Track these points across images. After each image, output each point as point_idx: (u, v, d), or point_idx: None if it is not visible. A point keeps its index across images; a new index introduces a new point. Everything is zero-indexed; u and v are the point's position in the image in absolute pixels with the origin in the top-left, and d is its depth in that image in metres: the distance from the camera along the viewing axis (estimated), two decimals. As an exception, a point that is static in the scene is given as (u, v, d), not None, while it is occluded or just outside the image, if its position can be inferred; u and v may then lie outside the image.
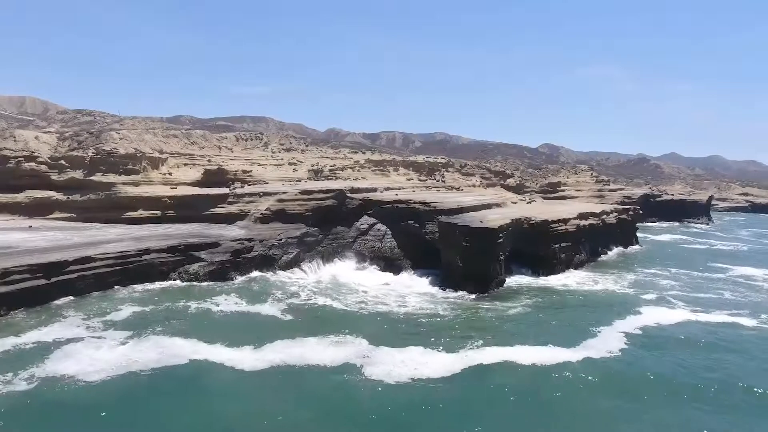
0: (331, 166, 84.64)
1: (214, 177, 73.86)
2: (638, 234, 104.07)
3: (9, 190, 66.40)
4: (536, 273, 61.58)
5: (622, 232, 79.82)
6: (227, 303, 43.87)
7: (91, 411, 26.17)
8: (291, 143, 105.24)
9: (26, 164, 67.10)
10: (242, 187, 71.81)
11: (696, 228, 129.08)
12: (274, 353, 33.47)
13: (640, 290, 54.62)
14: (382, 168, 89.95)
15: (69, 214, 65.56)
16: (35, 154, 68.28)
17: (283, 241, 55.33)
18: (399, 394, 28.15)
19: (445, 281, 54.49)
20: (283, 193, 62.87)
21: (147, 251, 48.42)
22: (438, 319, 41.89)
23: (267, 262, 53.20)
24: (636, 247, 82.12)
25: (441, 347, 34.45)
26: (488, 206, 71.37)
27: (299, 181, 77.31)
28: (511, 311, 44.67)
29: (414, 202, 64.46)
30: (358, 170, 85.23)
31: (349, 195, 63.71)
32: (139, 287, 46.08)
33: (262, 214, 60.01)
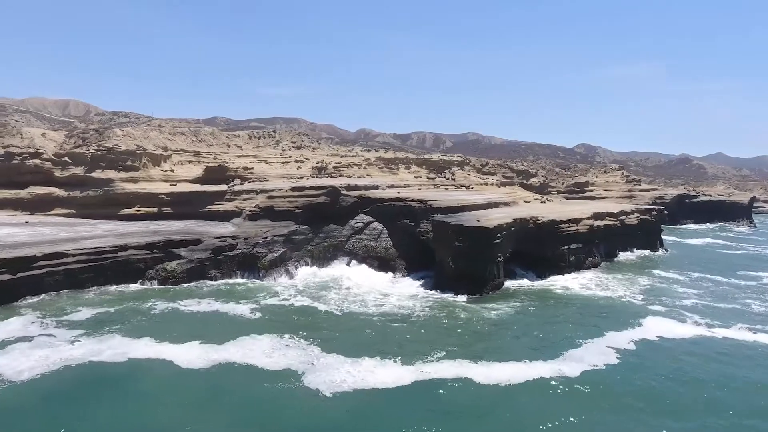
0: (336, 163, 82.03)
1: (215, 174, 72.53)
2: (668, 237, 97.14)
3: (14, 186, 66.94)
4: (541, 275, 57.16)
5: (644, 234, 73.75)
6: (197, 304, 41.85)
7: (8, 411, 24.56)
8: (303, 141, 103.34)
9: (31, 161, 67.48)
10: (242, 184, 70.17)
11: (734, 231, 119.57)
12: (219, 353, 31.73)
13: (650, 298, 49.37)
14: (391, 166, 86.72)
15: (69, 211, 65.42)
16: (40, 151, 68.61)
17: (268, 239, 52.98)
18: (330, 405, 25.32)
19: (436, 283, 50.88)
20: (273, 190, 60.61)
21: (124, 247, 46.99)
22: (411, 324, 38.49)
23: (250, 261, 50.95)
24: (660, 250, 75.66)
25: (399, 356, 31.15)
26: (495, 205, 67.05)
27: (301, 178, 75.04)
28: (496, 317, 40.70)
29: (411, 200, 61.04)
30: (365, 167, 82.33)
31: (343, 192, 60.83)
32: (112, 288, 44.61)
33: (250, 211, 57.96)
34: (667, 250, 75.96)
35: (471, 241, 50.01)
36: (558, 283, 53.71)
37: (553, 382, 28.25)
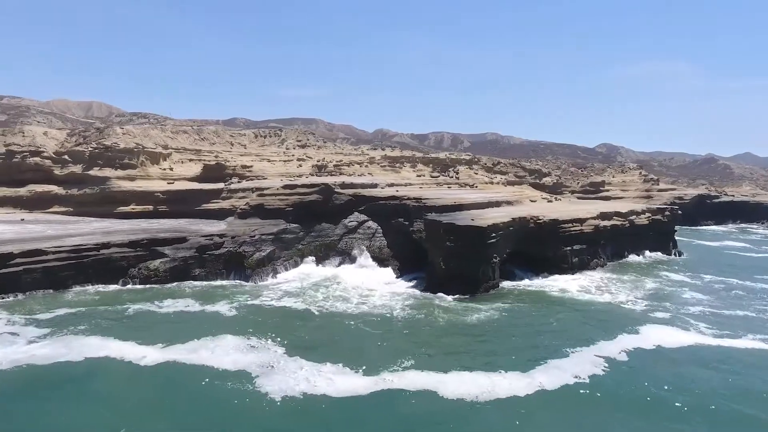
0: (337, 161, 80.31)
1: (213, 172, 71.57)
2: (684, 238, 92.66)
3: (15, 184, 67.05)
4: (542, 277, 54.24)
5: (656, 235, 69.86)
6: (174, 305, 40.53)
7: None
8: (308, 140, 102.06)
9: (31, 159, 67.53)
10: (239, 182, 69.02)
11: (757, 233, 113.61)
12: (181, 354, 30.64)
13: (654, 303, 46.10)
14: (396, 164, 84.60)
15: (66, 209, 65.14)
16: (40, 149, 68.65)
17: (256, 237, 51.47)
18: (273, 412, 23.80)
19: (428, 284, 48.56)
20: (266, 188, 59.11)
21: (106, 245, 46.04)
22: (388, 328, 36.41)
23: (236, 260, 49.50)
24: (673, 252, 71.58)
25: (364, 363, 29.07)
26: (496, 204, 64.35)
27: (300, 176, 73.55)
28: (480, 323, 38.17)
29: (407, 198, 58.86)
30: (366, 166, 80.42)
31: (337, 190, 59.01)
32: (92, 288, 43.62)
33: (241, 209, 56.58)
34: (680, 253, 71.86)
35: (463, 240, 47.61)
36: (556, 285, 50.76)
37: (527, 397, 25.72)
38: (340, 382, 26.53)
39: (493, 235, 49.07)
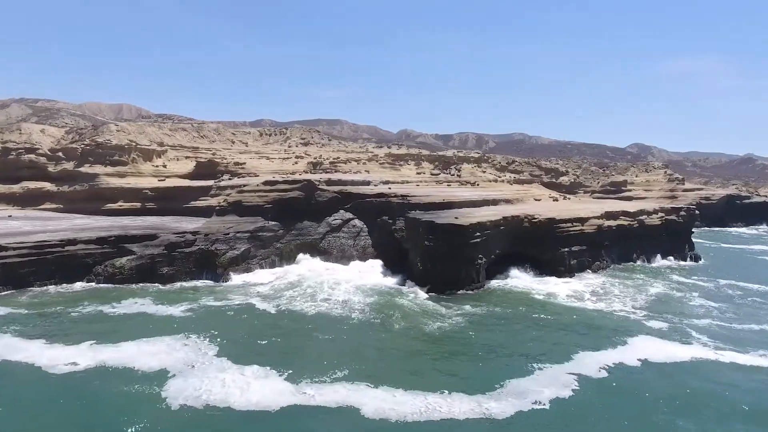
0: (334, 158, 77.39)
1: (205, 169, 69.87)
2: (706, 241, 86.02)
3: (10, 180, 66.89)
4: (535, 279, 49.79)
5: (670, 236, 63.96)
6: (131, 305, 37.97)
7: None
8: (313, 137, 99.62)
9: (26, 156, 67.24)
10: (230, 179, 66.96)
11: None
12: (104, 354, 28.51)
13: (653, 312, 41.10)
14: (397, 162, 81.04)
15: (57, 205, 64.52)
16: (35, 146, 68.28)
17: (230, 235, 48.89)
18: (164, 417, 21.38)
19: (406, 285, 44.94)
20: (244, 185, 56.56)
21: (72, 242, 44.23)
22: (342, 331, 33.15)
23: (208, 259, 47.00)
24: (689, 255, 65.43)
25: (291, 369, 26.41)
26: (494, 202, 60.09)
27: (294, 173, 70.88)
28: (445, 330, 34.13)
29: (393, 195, 55.31)
30: (364, 163, 77.11)
31: (321, 187, 55.94)
32: (53, 288, 41.57)
33: (219, 206, 54.16)
34: (698, 256, 65.63)
35: (443, 240, 43.81)
36: (545, 288, 46.16)
37: (465, 424, 21.79)
38: (255, 388, 23.93)
39: (478, 234, 45.05)
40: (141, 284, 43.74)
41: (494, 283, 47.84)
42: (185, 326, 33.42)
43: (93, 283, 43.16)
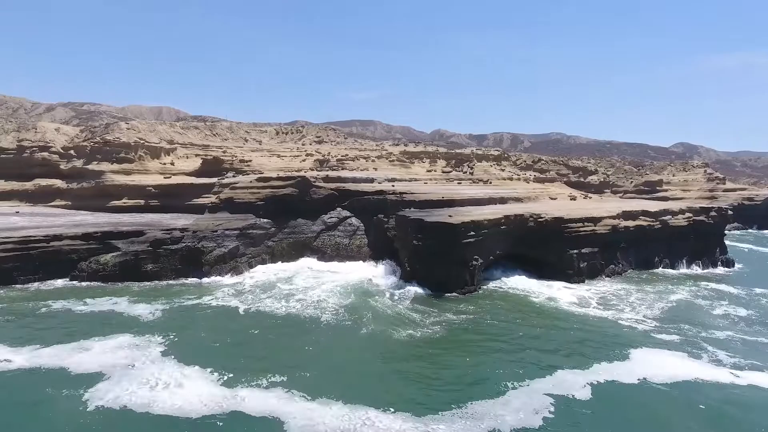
0: (342, 155, 75.15)
1: (211, 166, 68.99)
2: (746, 245, 79.05)
3: (25, 178, 67.99)
4: (538, 283, 45.84)
5: (698, 239, 58.13)
6: (104, 303, 36.74)
7: None
8: (328, 135, 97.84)
9: (39, 154, 68.18)
10: (234, 176, 65.76)
11: None
12: (45, 354, 27.13)
13: (665, 322, 36.60)
14: (411, 159, 78.07)
15: (66, 202, 64.99)
16: (49, 145, 69.20)
17: (218, 232, 47.28)
18: (79, 422, 19.74)
19: (394, 286, 41.96)
20: (237, 181, 54.94)
21: (58, 237, 43.63)
22: (306, 333, 30.75)
23: (194, 256, 45.50)
24: (720, 259, 59.32)
25: (233, 373, 24.63)
26: (500, 200, 56.32)
27: (299, 170, 69.10)
28: (420, 336, 31.03)
29: (390, 193, 52.42)
30: (374, 160, 74.53)
31: (317, 184, 53.70)
32: (35, 285, 40.78)
33: (212, 203, 52.75)
34: (730, 261, 59.42)
35: (433, 239, 40.63)
36: (547, 293, 42.19)
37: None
38: (185, 391, 22.44)
39: (472, 234, 41.61)
40: (125, 283, 42.54)
41: (492, 285, 44.31)
42: (148, 326, 31.81)
43: (76, 282, 42.22)
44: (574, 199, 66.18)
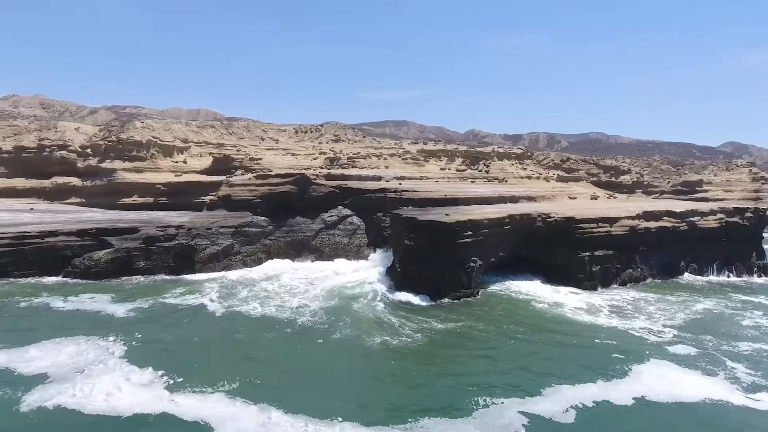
0: (354, 154, 73.25)
1: (221, 165, 68.40)
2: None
3: (43, 176, 69.30)
4: (550, 286, 42.46)
5: (732, 242, 52.85)
6: (82, 301, 35.98)
7: None
8: (346, 134, 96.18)
9: (58, 153, 69.30)
10: (243, 174, 64.97)
11: None
12: (4, 355, 26.05)
13: (683, 332, 32.77)
14: (428, 158, 75.44)
15: (80, 200, 65.72)
16: (67, 144, 70.35)
17: (212, 230, 46.21)
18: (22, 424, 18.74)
19: (387, 289, 39.63)
20: (237, 178, 53.79)
21: (53, 233, 43.56)
22: (275, 338, 28.85)
23: (187, 254, 44.59)
24: (756, 265, 53.71)
25: (182, 377, 23.31)
26: (511, 199, 53.03)
27: (308, 169, 67.61)
28: (394, 346, 28.43)
29: (392, 190, 50.05)
30: (386, 158, 72.27)
31: (317, 181, 51.93)
32: (26, 281, 40.62)
33: (210, 200, 51.82)
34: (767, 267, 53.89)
35: (426, 239, 38.03)
36: (552, 298, 38.81)
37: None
38: (125, 395, 21.42)
39: (469, 233, 38.76)
40: (117, 279, 41.99)
41: (494, 288, 41.28)
42: (117, 326, 30.69)
43: (69, 278, 41.91)
44: (595, 198, 61.90)
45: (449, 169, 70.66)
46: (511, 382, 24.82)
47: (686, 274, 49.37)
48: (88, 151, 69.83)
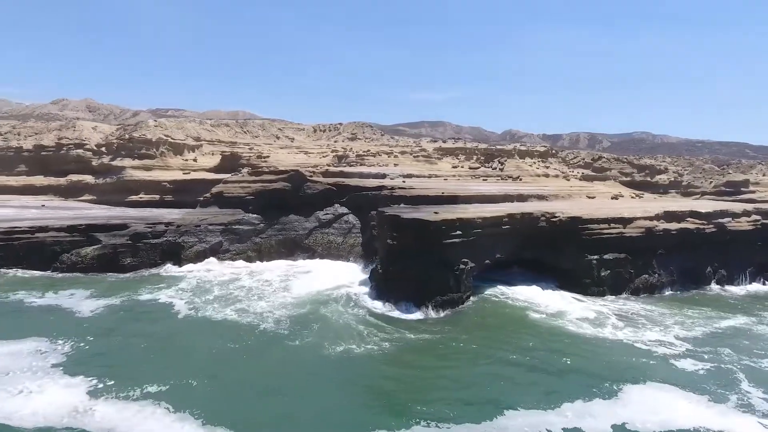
0: (364, 151, 71.01)
1: (228, 162, 67.73)
2: None
3: (60, 173, 70.74)
4: (555, 291, 38.71)
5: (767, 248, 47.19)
6: (56, 297, 35.09)
7: None
8: (364, 132, 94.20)
9: (74, 151, 70.55)
10: (249, 171, 63.95)
11: None
12: None
13: (698, 350, 28.78)
14: (430, 156, 72.37)
15: (92, 197, 66.55)
16: (84, 142, 71.53)
17: (201, 227, 44.99)
18: None
19: (369, 292, 37.08)
20: (232, 176, 52.44)
21: (43, 229, 43.43)
22: (219, 347, 26.58)
23: (173, 250, 43.56)
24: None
25: (113, 381, 21.95)
26: (520, 198, 49.34)
27: (315, 166, 65.96)
28: (358, 356, 26.06)
29: (389, 188, 47.39)
30: (396, 156, 69.64)
31: (313, 178, 49.94)
32: (11, 274, 40.29)
33: (204, 198, 50.72)
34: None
35: (410, 238, 35.18)
36: (554, 306, 35.17)
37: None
38: (42, 401, 19.97)
39: (459, 233, 35.66)
40: (101, 274, 41.35)
41: (488, 293, 37.94)
42: (74, 325, 29.57)
43: (57, 273, 41.57)
44: (616, 198, 57.09)
45: (462, 167, 67.27)
46: (472, 406, 21.83)
47: (713, 282, 44.22)
48: (103, 149, 70.72)
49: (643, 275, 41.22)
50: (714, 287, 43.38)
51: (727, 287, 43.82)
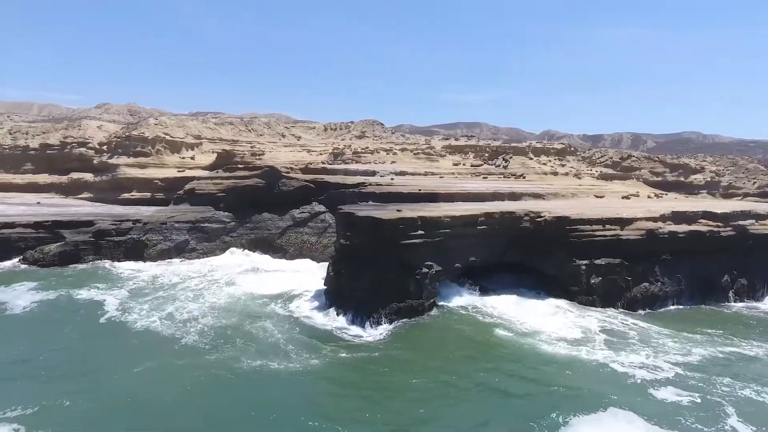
0: (362, 148, 67.74)
1: (223, 160, 65.89)
2: None
3: (64, 171, 71.31)
4: (538, 300, 34.15)
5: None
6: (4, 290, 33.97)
7: None
8: (374, 130, 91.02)
9: (77, 149, 70.89)
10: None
11: None
12: None
13: (687, 374, 23.96)
14: (431, 154, 68.22)
15: (91, 194, 66.45)
16: (87, 141, 71.80)
17: (167, 225, 42.98)
18: None
19: (324, 299, 33.68)
20: (204, 173, 50.27)
21: (9, 225, 42.59)
22: (126, 360, 24.04)
23: (137, 248, 41.72)
24: None
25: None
26: (512, 196, 44.79)
27: (310, 163, 63.30)
28: (287, 374, 22.77)
29: (367, 185, 43.86)
30: (395, 153, 65.98)
31: (287, 175, 47.10)
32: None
33: (177, 195, 48.78)
34: None
35: (364, 238, 31.62)
36: (528, 322, 30.52)
37: None
38: None
39: (420, 233, 31.79)
40: (62, 267, 39.97)
41: (456, 305, 33.62)
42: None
43: (22, 264, 40.56)
44: (627, 197, 51.29)
45: (463, 165, 62.90)
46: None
47: (731, 294, 38.18)
48: (104, 148, 70.69)
49: (643, 283, 35.87)
50: (734, 303, 37.33)
51: (750, 303, 37.67)
